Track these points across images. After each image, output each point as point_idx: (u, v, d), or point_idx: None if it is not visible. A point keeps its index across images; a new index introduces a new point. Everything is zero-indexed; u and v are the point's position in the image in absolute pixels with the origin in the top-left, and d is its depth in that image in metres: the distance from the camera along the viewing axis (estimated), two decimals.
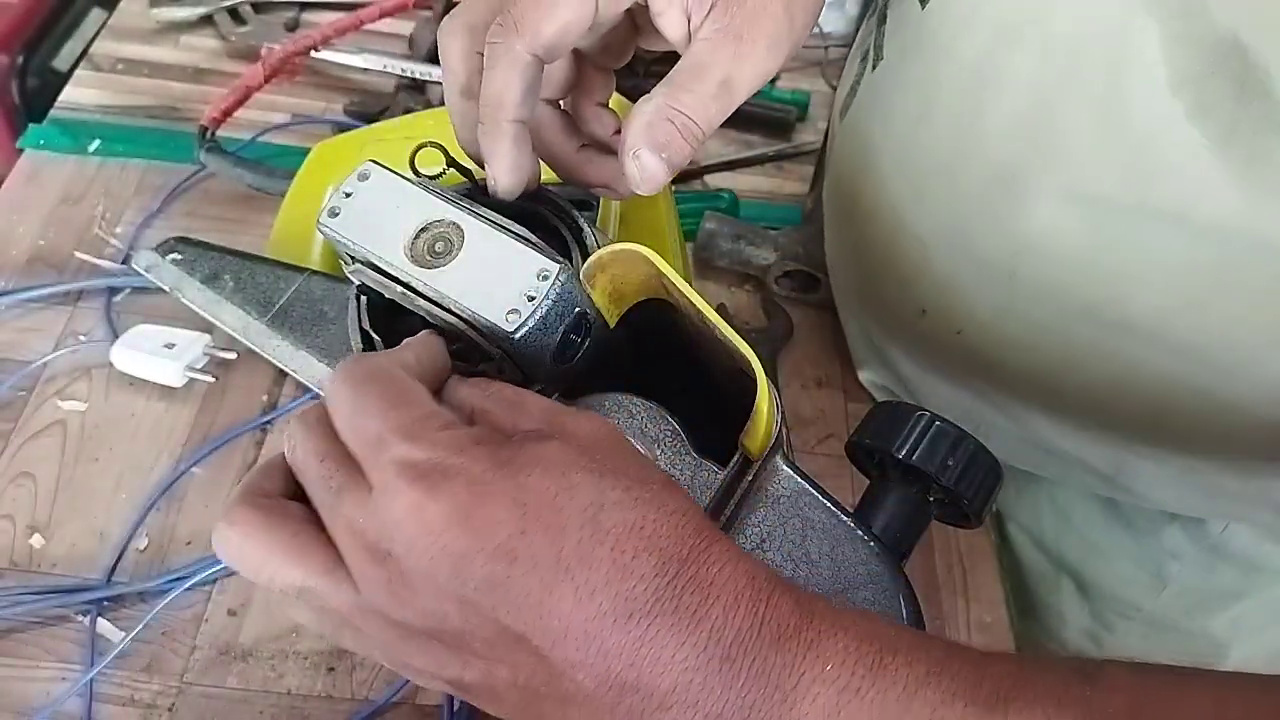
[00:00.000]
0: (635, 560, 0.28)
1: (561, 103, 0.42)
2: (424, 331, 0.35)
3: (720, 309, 0.68)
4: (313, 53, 0.74)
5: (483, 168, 0.38)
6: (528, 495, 0.28)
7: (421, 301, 0.35)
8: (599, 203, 0.49)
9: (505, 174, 0.37)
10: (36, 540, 0.54)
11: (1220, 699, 0.29)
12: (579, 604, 0.27)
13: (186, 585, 0.52)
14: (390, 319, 0.39)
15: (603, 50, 0.41)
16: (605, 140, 0.42)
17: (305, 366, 0.45)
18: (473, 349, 0.35)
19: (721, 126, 0.39)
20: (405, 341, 0.35)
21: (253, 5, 0.84)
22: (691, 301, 0.35)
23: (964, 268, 0.49)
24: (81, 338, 0.62)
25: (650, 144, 0.35)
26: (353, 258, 0.36)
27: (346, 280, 0.38)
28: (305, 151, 0.63)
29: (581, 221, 0.40)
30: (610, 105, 0.43)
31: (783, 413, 0.37)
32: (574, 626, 0.27)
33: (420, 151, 0.37)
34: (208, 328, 0.59)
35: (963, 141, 0.46)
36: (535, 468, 0.29)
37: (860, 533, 0.37)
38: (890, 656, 0.28)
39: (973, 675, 0.28)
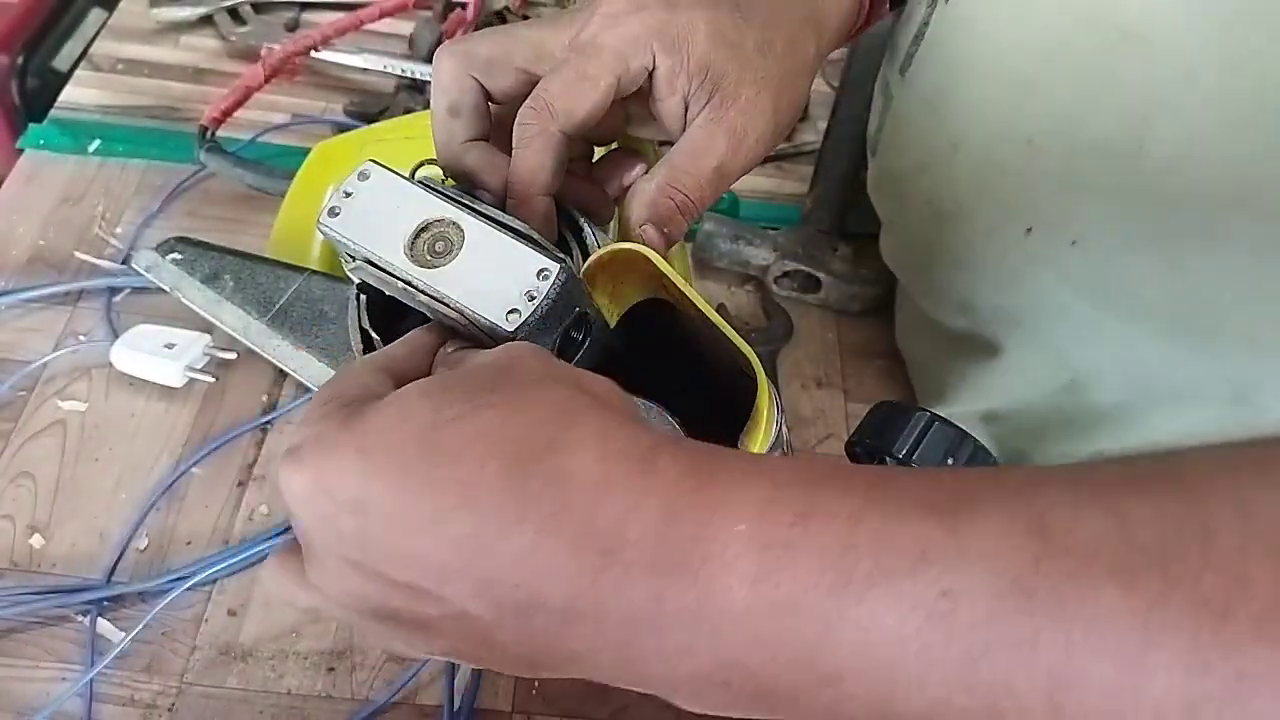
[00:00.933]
0: (482, 470, 0.25)
1: None
2: (418, 328, 0.36)
3: (720, 309, 0.68)
4: (313, 53, 0.74)
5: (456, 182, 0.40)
6: (366, 439, 0.27)
7: (422, 300, 0.35)
8: None
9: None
10: (36, 540, 0.54)
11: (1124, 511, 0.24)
12: (438, 536, 0.25)
13: (186, 585, 0.52)
14: (390, 319, 0.39)
15: (595, 132, 0.42)
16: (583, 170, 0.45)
17: (305, 366, 0.45)
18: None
19: None
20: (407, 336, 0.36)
21: (253, 5, 0.84)
22: (691, 301, 0.35)
23: (1081, 160, 0.46)
24: (81, 338, 0.62)
25: (654, 220, 0.39)
26: (353, 257, 0.36)
27: (346, 280, 0.38)
28: (305, 151, 0.63)
29: (582, 221, 0.40)
30: None
31: (783, 413, 0.37)
32: (445, 560, 0.25)
33: (420, 169, 0.37)
34: (208, 328, 0.59)
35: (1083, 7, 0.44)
36: (375, 411, 0.27)
37: None
38: (822, 490, 0.25)
39: (925, 486, 0.25)
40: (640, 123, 0.43)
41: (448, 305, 0.34)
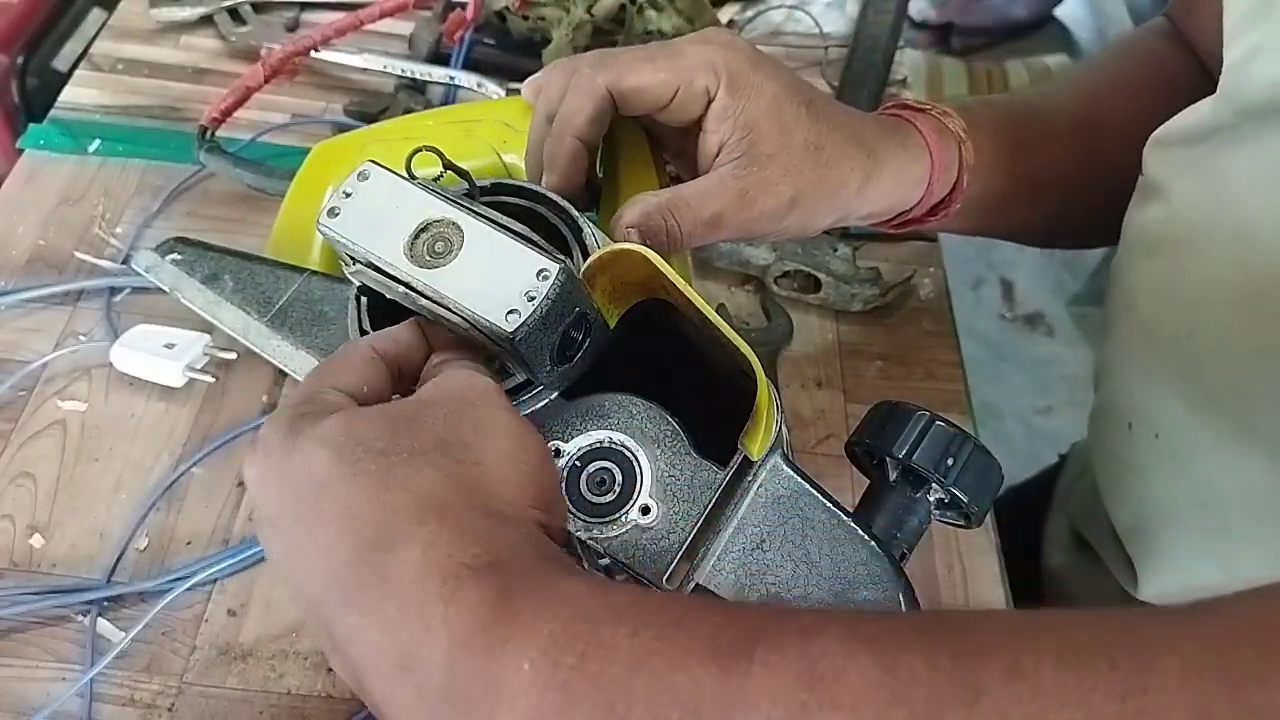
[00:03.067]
0: (337, 541, 0.28)
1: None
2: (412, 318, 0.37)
3: (720, 309, 0.68)
4: (313, 53, 0.74)
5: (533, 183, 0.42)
6: (287, 470, 0.30)
7: (422, 301, 0.35)
8: (599, 204, 0.49)
9: (558, 181, 0.43)
10: (36, 540, 0.54)
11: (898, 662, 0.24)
12: (309, 574, 0.28)
13: (186, 585, 0.52)
14: (390, 319, 0.39)
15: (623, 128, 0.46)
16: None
17: (305, 366, 0.45)
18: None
19: None
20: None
21: (253, 5, 0.84)
22: (691, 302, 0.35)
23: None
24: (81, 338, 0.62)
25: (641, 229, 0.41)
26: (353, 258, 0.36)
27: (346, 280, 0.38)
28: (305, 151, 0.63)
29: (581, 221, 0.40)
30: None
31: (783, 413, 0.37)
32: (309, 592, 0.28)
33: (416, 156, 0.37)
34: (208, 328, 0.59)
35: None
36: (299, 443, 0.30)
37: (860, 533, 0.37)
38: (610, 629, 0.25)
39: (715, 626, 0.25)
40: (671, 147, 0.47)
41: (447, 306, 0.34)
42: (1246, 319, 0.43)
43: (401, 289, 0.35)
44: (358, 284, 0.38)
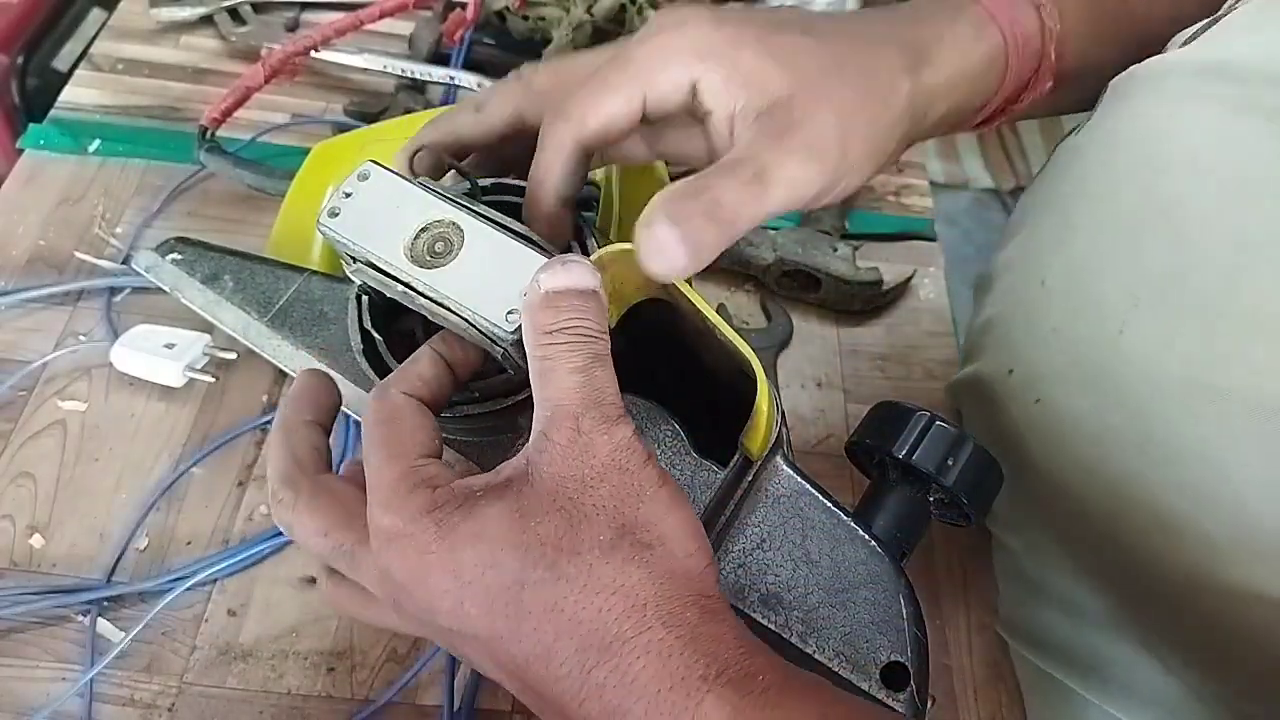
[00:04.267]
0: (556, 643, 0.29)
1: None
2: (436, 337, 0.36)
3: (720, 309, 0.68)
4: (313, 53, 0.74)
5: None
6: (462, 569, 0.30)
7: (422, 301, 0.35)
8: (599, 204, 0.49)
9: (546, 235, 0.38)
10: (36, 540, 0.54)
11: None
12: (520, 669, 0.30)
13: (186, 585, 0.52)
14: (390, 319, 0.39)
15: (618, 150, 0.41)
16: None
17: (305, 366, 0.45)
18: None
19: None
20: (420, 351, 0.36)
21: (253, 5, 0.84)
22: (691, 302, 0.35)
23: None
24: (81, 338, 0.62)
25: (667, 215, 0.33)
26: (353, 258, 0.36)
27: (346, 280, 0.38)
28: (305, 151, 0.63)
29: (581, 222, 0.40)
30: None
31: (783, 413, 0.37)
32: (529, 686, 0.30)
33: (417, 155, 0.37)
34: (208, 328, 0.59)
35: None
36: (471, 542, 0.30)
37: (860, 533, 0.37)
38: None
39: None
40: (671, 145, 0.41)
41: (447, 306, 0.34)
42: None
43: (401, 289, 0.35)
44: (358, 284, 0.38)
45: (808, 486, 0.37)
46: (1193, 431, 0.36)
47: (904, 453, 0.39)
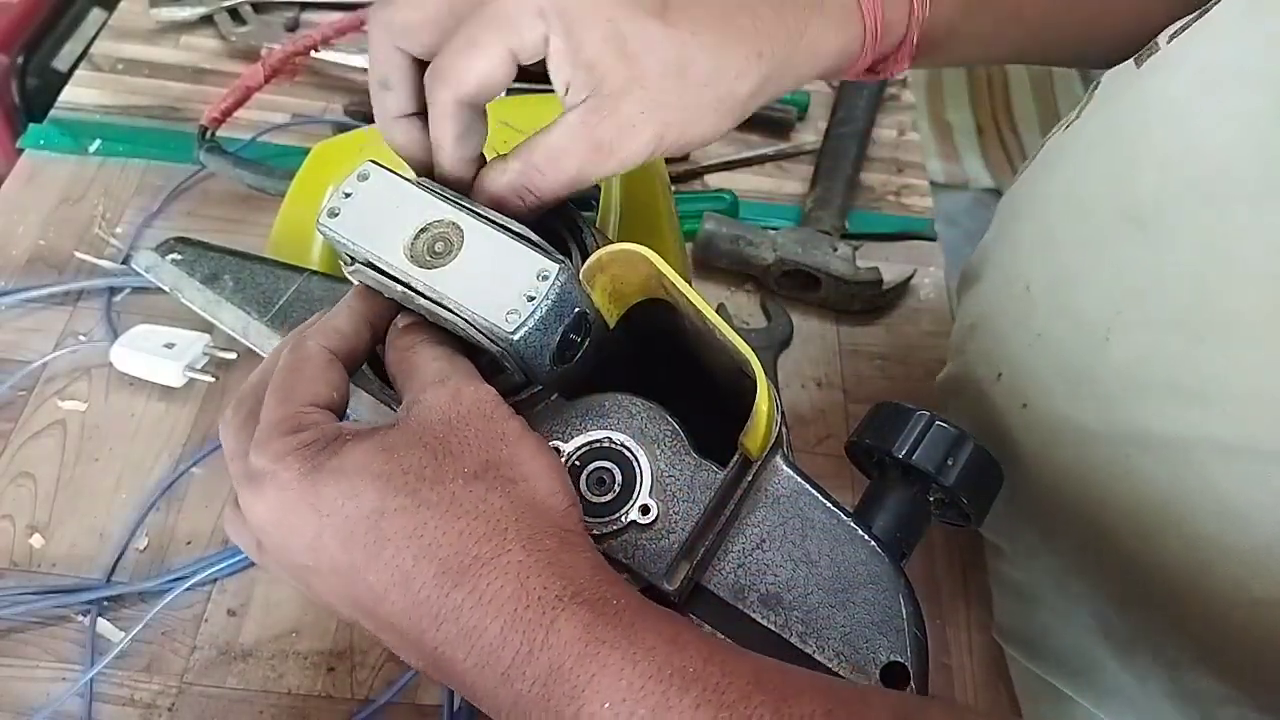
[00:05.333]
0: (415, 568, 0.30)
1: None
2: (353, 291, 0.37)
3: (720, 309, 0.68)
4: (313, 53, 0.74)
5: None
6: (321, 502, 0.31)
7: (421, 301, 0.35)
8: (598, 203, 0.49)
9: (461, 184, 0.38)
10: (36, 540, 0.54)
11: None
12: (377, 601, 0.30)
13: (186, 585, 0.52)
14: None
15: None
16: None
17: None
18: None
19: None
20: (339, 305, 0.37)
21: (253, 5, 0.84)
22: (691, 302, 0.35)
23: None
24: (81, 338, 0.62)
25: (500, 205, 0.37)
26: (352, 258, 0.36)
27: (346, 280, 0.38)
28: (305, 151, 0.63)
29: (581, 222, 0.40)
30: None
31: (783, 413, 0.37)
32: (382, 619, 0.31)
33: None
34: (208, 328, 0.59)
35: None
36: (331, 476, 0.31)
37: (860, 532, 0.37)
38: (679, 694, 0.27)
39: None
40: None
41: (446, 306, 0.34)
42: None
43: (400, 288, 0.35)
44: (357, 284, 0.38)
45: (808, 486, 0.37)
46: (1178, 436, 0.36)
47: (904, 453, 0.39)
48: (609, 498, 0.36)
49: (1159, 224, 0.37)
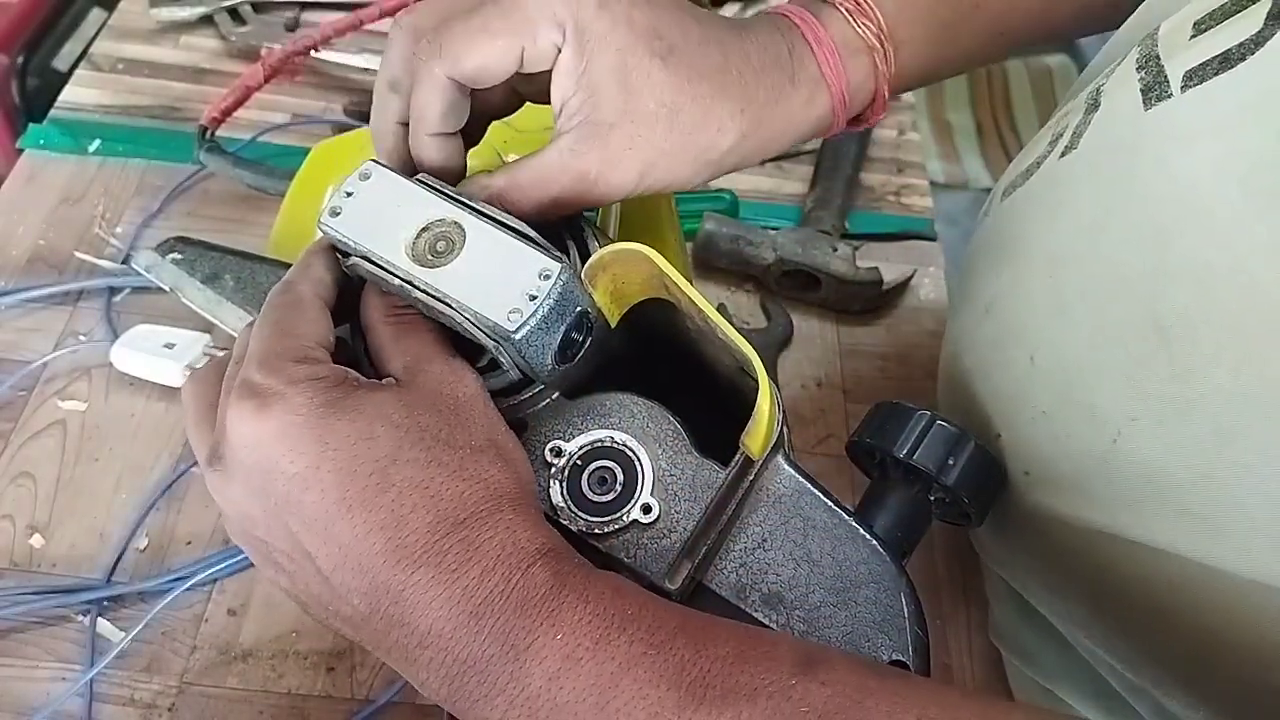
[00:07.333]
0: (413, 513, 0.31)
1: None
2: (314, 244, 0.37)
3: (720, 309, 0.68)
4: (313, 53, 0.74)
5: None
6: (331, 436, 0.31)
7: (423, 299, 0.35)
8: None
9: (436, 173, 0.38)
10: (36, 540, 0.54)
11: (924, 712, 0.29)
12: (356, 539, 0.31)
13: (186, 585, 0.52)
14: None
15: (488, 98, 0.40)
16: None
17: None
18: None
19: None
20: (308, 259, 0.37)
21: (253, 5, 0.84)
22: (692, 301, 0.35)
23: (1069, 412, 0.39)
24: (81, 338, 0.62)
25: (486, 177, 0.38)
26: (349, 255, 0.36)
27: None
28: (305, 151, 0.63)
29: (582, 221, 0.40)
30: None
31: (784, 412, 0.37)
32: (351, 558, 0.31)
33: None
34: (208, 328, 0.59)
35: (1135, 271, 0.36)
36: (347, 414, 0.32)
37: (862, 532, 0.37)
38: (618, 631, 0.30)
39: (686, 659, 0.30)
40: (545, 94, 0.39)
41: (449, 304, 0.34)
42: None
43: (398, 282, 0.35)
44: (353, 276, 0.38)
45: (809, 486, 0.37)
46: (1189, 558, 0.34)
47: (905, 452, 0.39)
48: (610, 497, 0.36)
49: (1188, 344, 0.33)
